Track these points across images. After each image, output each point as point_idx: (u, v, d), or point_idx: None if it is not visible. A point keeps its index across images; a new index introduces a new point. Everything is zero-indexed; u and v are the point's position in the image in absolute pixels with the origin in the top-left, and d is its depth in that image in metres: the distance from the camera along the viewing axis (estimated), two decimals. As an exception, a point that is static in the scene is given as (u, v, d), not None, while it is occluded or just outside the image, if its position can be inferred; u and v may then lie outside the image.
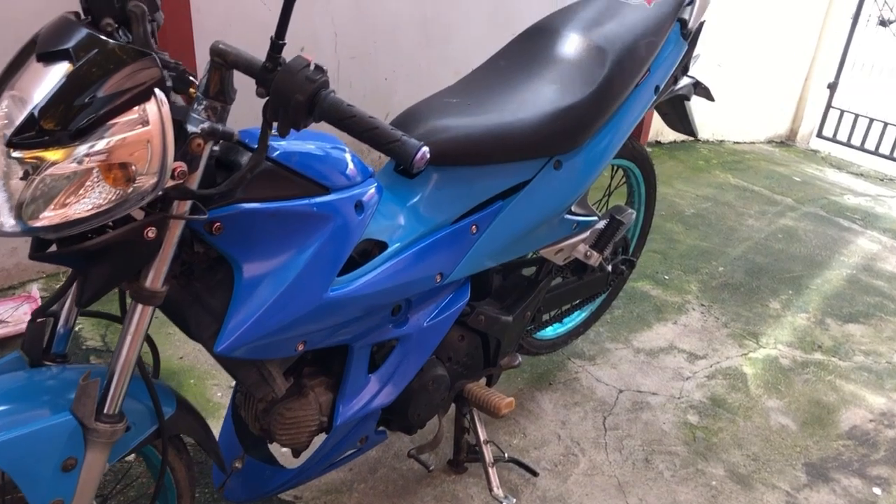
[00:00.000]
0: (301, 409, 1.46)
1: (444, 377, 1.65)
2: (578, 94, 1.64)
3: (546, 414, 2.22)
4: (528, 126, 1.57)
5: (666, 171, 4.54)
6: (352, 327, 1.42)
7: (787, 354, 2.70)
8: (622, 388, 2.37)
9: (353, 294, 1.35)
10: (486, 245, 1.60)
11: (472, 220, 1.56)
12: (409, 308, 1.54)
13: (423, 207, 1.50)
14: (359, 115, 1.03)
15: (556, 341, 2.32)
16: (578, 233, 1.83)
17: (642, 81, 1.79)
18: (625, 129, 1.80)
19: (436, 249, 1.50)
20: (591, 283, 2.08)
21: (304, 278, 1.26)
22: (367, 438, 1.60)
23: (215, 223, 1.15)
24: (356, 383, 1.51)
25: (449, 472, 1.96)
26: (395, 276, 1.42)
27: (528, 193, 1.63)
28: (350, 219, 1.31)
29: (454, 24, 3.39)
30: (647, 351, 2.58)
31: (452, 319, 1.60)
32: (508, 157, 1.58)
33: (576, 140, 1.67)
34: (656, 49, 1.79)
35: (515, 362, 1.80)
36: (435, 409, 1.68)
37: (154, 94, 0.98)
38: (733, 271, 3.30)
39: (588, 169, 1.73)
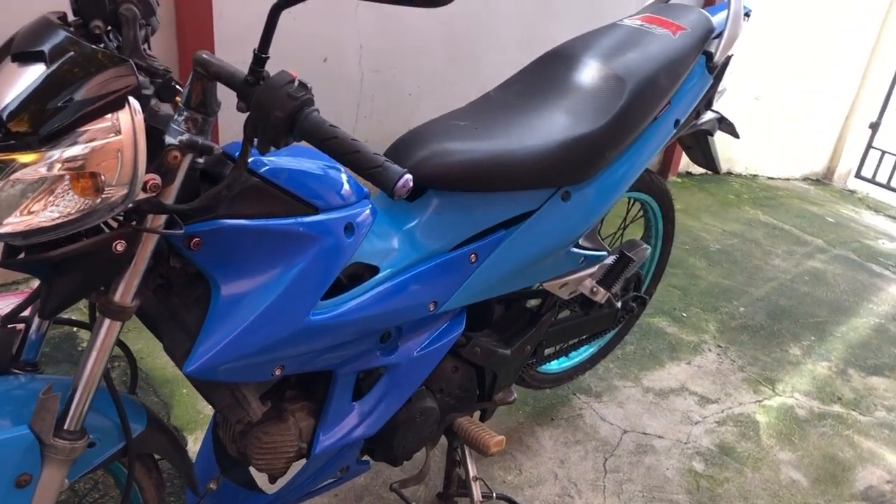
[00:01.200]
0: (279, 435, 1.41)
1: (434, 409, 1.59)
2: (592, 124, 1.57)
3: (545, 451, 2.14)
4: (536, 154, 1.51)
5: (694, 204, 4.44)
6: (336, 353, 1.37)
7: (803, 404, 2.59)
8: (627, 429, 2.28)
9: (338, 319, 1.29)
10: (486, 275, 1.53)
11: (472, 249, 1.50)
12: (400, 336, 1.48)
13: (420, 232, 1.44)
14: (340, 137, 0.98)
15: (561, 376, 2.24)
16: (585, 267, 1.76)
17: (662, 114, 1.72)
18: (640, 162, 1.72)
19: (430, 277, 1.44)
20: (598, 319, 2.00)
21: (285, 300, 1.20)
22: (348, 468, 1.54)
23: (194, 238, 1.11)
24: (339, 411, 1.45)
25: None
26: (384, 303, 1.37)
27: (533, 224, 1.57)
28: (338, 241, 1.25)
29: (482, 43, 3.35)
30: (656, 391, 2.49)
31: (445, 350, 1.54)
32: (513, 186, 1.51)
33: (586, 171, 1.60)
34: (678, 81, 1.72)
35: (510, 398, 1.73)
36: (422, 441, 1.61)
37: (128, 103, 0.94)
38: (754, 312, 3.20)
39: (598, 202, 1.66)
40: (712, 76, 1.83)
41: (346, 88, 2.98)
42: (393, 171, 0.97)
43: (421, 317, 1.46)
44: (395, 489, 1.60)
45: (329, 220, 1.24)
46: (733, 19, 1.80)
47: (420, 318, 1.47)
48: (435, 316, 1.49)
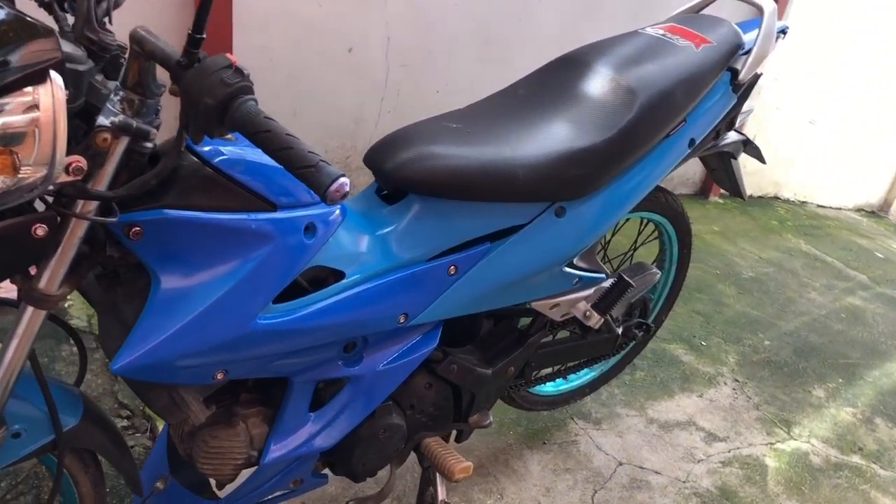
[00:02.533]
0: (227, 440, 1.33)
1: (400, 427, 1.49)
2: (596, 137, 1.46)
3: (531, 476, 2.03)
4: (530, 165, 1.41)
5: (733, 227, 4.26)
6: (290, 360, 1.28)
7: (820, 451, 2.43)
8: (623, 461, 2.15)
9: (290, 326, 1.21)
10: (465, 290, 1.43)
11: (452, 260, 1.40)
12: (365, 346, 1.39)
13: (395, 239, 1.35)
14: (274, 131, 0.89)
15: (556, 399, 2.13)
16: (580, 289, 1.64)
17: (675, 132, 1.59)
18: (648, 181, 1.60)
19: (402, 287, 1.35)
20: (595, 344, 1.88)
21: (229, 301, 1.13)
22: (302, 481, 1.46)
23: (133, 227, 1.04)
24: (293, 420, 1.37)
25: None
26: (346, 312, 1.28)
27: (522, 239, 1.46)
28: (295, 242, 1.17)
29: (517, 45, 3.24)
30: (661, 423, 2.36)
31: (414, 365, 1.44)
32: (502, 197, 1.41)
33: (585, 187, 1.49)
34: (696, 98, 1.60)
35: (485, 422, 1.62)
36: (385, 459, 1.52)
37: (49, 78, 0.86)
38: (780, 347, 3.03)
39: (596, 221, 1.55)
40: (736, 95, 1.69)
41: (370, 81, 2.90)
42: (327, 174, 0.88)
43: (389, 329, 1.37)
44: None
45: (287, 219, 1.16)
46: (765, 36, 1.66)
47: (388, 330, 1.38)
48: (405, 329, 1.40)
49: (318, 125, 2.88)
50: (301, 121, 2.81)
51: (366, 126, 2.98)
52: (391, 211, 1.38)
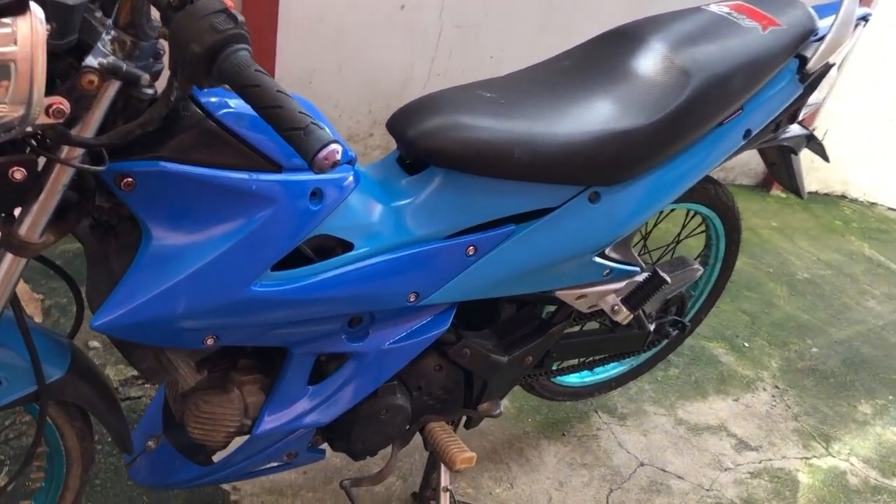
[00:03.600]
0: (220, 406, 1.28)
1: (404, 408, 1.42)
2: (641, 120, 1.34)
3: (545, 468, 1.94)
4: (566, 144, 1.30)
5: (793, 224, 4.05)
6: (289, 330, 1.22)
7: (859, 471, 2.28)
8: (644, 462, 2.05)
9: (289, 296, 1.14)
10: (484, 273, 1.34)
11: (471, 241, 1.31)
12: (372, 323, 1.31)
13: (412, 212, 1.26)
14: (264, 87, 0.80)
15: (580, 390, 2.03)
16: (610, 281, 1.54)
17: (730, 120, 1.46)
18: (694, 172, 1.48)
19: (414, 265, 1.27)
20: (623, 339, 1.78)
21: (222, 265, 1.06)
22: (296, 454, 1.40)
23: (126, 178, 0.97)
24: (290, 393, 1.31)
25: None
26: (351, 286, 1.20)
27: (550, 224, 1.36)
28: (299, 208, 1.10)
29: (580, 14, 3.08)
30: (690, 425, 2.24)
31: (422, 346, 1.36)
32: (532, 176, 1.31)
33: (623, 173, 1.37)
34: (757, 85, 1.46)
35: (495, 411, 1.54)
36: (386, 439, 1.45)
37: (29, 9, 0.79)
38: (828, 356, 2.86)
39: (634, 210, 1.43)
40: (803, 85, 1.55)
41: (421, 41, 2.79)
42: (316, 138, 0.79)
43: (397, 307, 1.29)
44: (344, 487, 1.46)
45: (292, 183, 1.08)
46: (842, 22, 1.51)
47: (397, 308, 1.30)
48: (415, 308, 1.32)
49: (364, 83, 2.79)
50: (346, 77, 2.72)
51: (413, 87, 2.88)
52: (410, 182, 1.29)
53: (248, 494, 1.67)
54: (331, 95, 2.72)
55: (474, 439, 1.97)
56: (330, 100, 2.73)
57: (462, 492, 1.82)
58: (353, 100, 2.79)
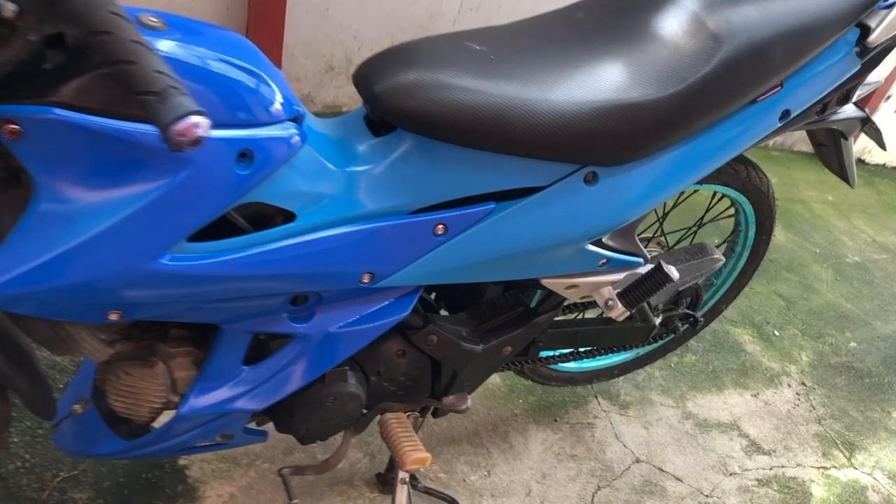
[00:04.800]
0: (142, 379, 1.14)
1: (356, 396, 1.27)
2: (653, 91, 1.13)
3: (529, 457, 1.79)
4: (561, 114, 1.10)
5: (850, 199, 3.75)
6: (215, 307, 1.07)
7: (882, 488, 2.08)
8: (641, 458, 1.89)
9: (209, 271, 0.98)
10: (454, 256, 1.17)
11: (441, 218, 1.13)
12: (319, 303, 1.15)
13: (372, 180, 1.09)
14: (116, 35, 0.63)
15: (577, 376, 1.86)
16: (606, 272, 1.34)
17: (765, 98, 1.23)
18: (714, 156, 1.26)
19: (370, 242, 1.10)
20: (622, 332, 1.59)
21: (124, 233, 0.90)
22: (231, 436, 1.26)
23: (9, 124, 0.82)
24: (221, 372, 1.16)
25: (373, 487, 1.61)
26: (290, 263, 1.04)
27: (537, 205, 1.17)
28: (222, 171, 0.93)
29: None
30: (699, 420, 2.06)
31: (378, 332, 1.20)
32: (518, 150, 1.12)
33: (627, 152, 1.17)
34: (803, 58, 1.22)
35: (462, 406, 1.38)
36: (334, 427, 1.31)
37: None
38: (867, 353, 2.62)
39: (637, 196, 1.23)
40: (861, 61, 1.30)
41: (454, -31, 2.55)
42: (173, 106, 0.62)
43: (349, 287, 1.13)
44: (282, 475, 1.32)
45: (213, 141, 0.91)
46: (922, -12, 1.25)
47: (349, 289, 1.14)
48: (370, 290, 1.15)
49: (386, 13, 2.56)
50: (367, 6, 2.50)
51: (442, 22, 2.64)
52: (375, 145, 1.11)
53: (198, 459, 1.56)
54: (350, 25, 2.51)
55: (455, 419, 1.83)
56: (349, 29, 2.52)
57: (433, 476, 1.68)
58: (373, 31, 2.57)
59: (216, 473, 1.55)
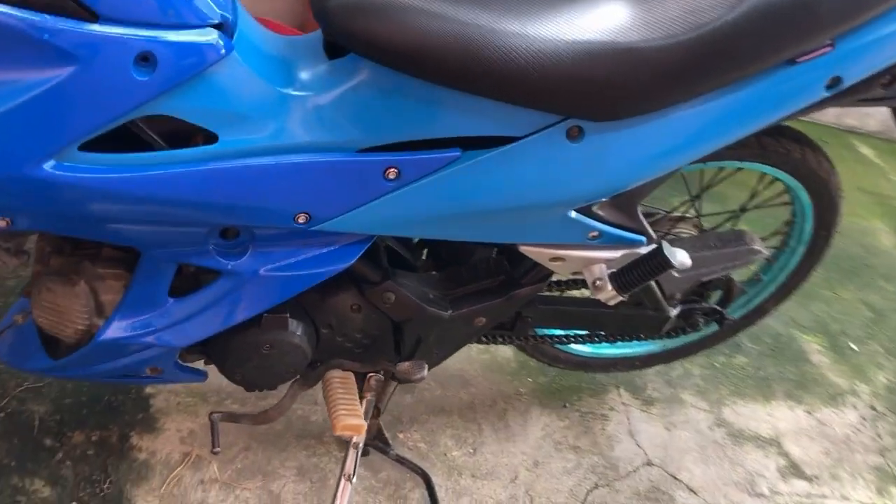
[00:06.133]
0: (63, 298, 1.07)
1: (298, 347, 1.16)
2: (659, 35, 0.94)
3: (525, 440, 1.64)
4: (540, 53, 0.92)
5: None
6: (126, 227, 0.98)
7: (941, 539, 1.81)
8: (654, 461, 1.70)
9: (107, 186, 0.89)
10: (408, 205, 1.02)
11: (393, 161, 0.99)
12: (251, 240, 1.04)
13: (317, 108, 0.96)
14: None
15: (590, 362, 1.68)
16: (599, 248, 1.16)
17: (809, 59, 1.00)
18: (738, 124, 1.05)
19: (305, 178, 0.97)
20: (628, 319, 1.40)
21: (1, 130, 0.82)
22: (162, 371, 1.18)
23: None
24: (143, 301, 1.08)
25: (342, 446, 1.51)
26: (207, 190, 0.94)
27: (510, 157, 1.01)
28: (116, 74, 0.82)
29: None
30: (733, 429, 1.84)
31: (317, 280, 1.08)
32: (491, 92, 0.95)
33: (620, 107, 0.98)
34: (864, 13, 0.98)
35: (415, 375, 1.23)
36: (276, 377, 1.21)
37: None
38: (962, 384, 2.29)
39: (634, 160, 1.04)
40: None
41: None
42: None
43: (280, 226, 1.01)
44: (212, 419, 1.23)
45: (106, 38, 0.81)
46: None
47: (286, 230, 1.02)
48: (310, 232, 1.03)
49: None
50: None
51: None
52: (324, 70, 0.97)
53: (165, 390, 1.51)
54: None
55: (452, 386, 1.70)
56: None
57: (412, 444, 1.56)
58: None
59: (181, 407, 1.49)
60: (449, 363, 1.69)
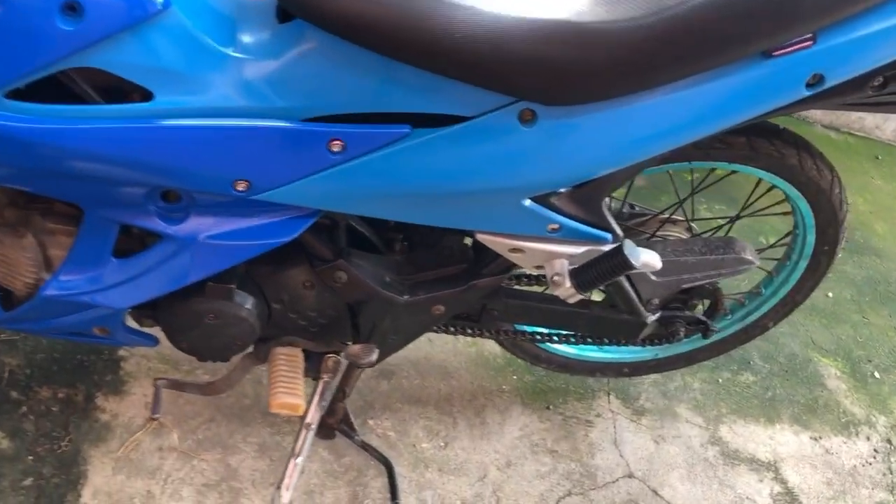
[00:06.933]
0: (11, 250, 1.08)
1: (244, 320, 1.13)
2: (618, 15, 0.88)
3: (500, 439, 1.59)
4: (488, 29, 0.88)
5: None
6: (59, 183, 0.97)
7: (946, 587, 1.68)
8: (636, 474, 1.62)
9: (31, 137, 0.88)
10: (355, 180, 0.99)
11: (338, 132, 0.96)
12: (192, 205, 1.02)
13: (261, 72, 0.93)
14: None
15: (573, 364, 1.61)
16: (561, 241, 1.10)
17: (786, 53, 0.93)
18: (706, 118, 0.98)
19: (245, 144, 0.95)
20: (602, 321, 1.33)
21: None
22: (111, 333, 1.17)
23: None
24: (86, 259, 1.07)
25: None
26: (139, 149, 0.93)
27: (459, 137, 0.96)
28: (39, 21, 0.81)
29: None
30: (728, 449, 1.75)
31: (254, 252, 1.06)
32: (437, 67, 0.91)
33: (574, 91, 0.92)
34: (851, 6, 0.90)
35: (364, 359, 1.19)
36: (221, 349, 1.19)
37: None
38: None
39: (591, 149, 0.98)
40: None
41: None
42: None
43: (219, 192, 0.99)
44: (157, 385, 1.22)
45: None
46: None
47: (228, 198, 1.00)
48: (252, 202, 1.00)
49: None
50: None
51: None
52: (271, 33, 0.95)
53: (137, 354, 1.51)
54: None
55: (432, 376, 1.66)
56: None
57: (381, 432, 1.53)
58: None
59: (151, 372, 1.49)
60: (432, 353, 1.67)
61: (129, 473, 1.35)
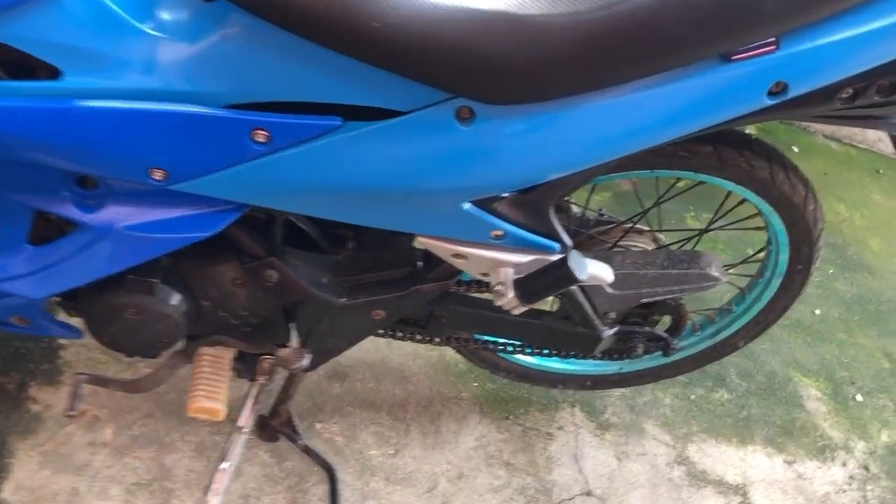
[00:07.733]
0: (-77, 231, 1.01)
1: (168, 317, 1.07)
2: (563, 8, 0.81)
3: (454, 449, 1.53)
4: (423, 18, 0.81)
5: None
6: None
7: None
8: (594, 492, 1.56)
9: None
10: (281, 173, 0.93)
11: (262, 122, 0.89)
12: (109, 194, 0.96)
13: (178, 53, 0.86)
14: None
15: (533, 374, 1.54)
16: (505, 249, 1.03)
17: (746, 58, 0.85)
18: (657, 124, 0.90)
19: (161, 129, 0.88)
20: (555, 333, 1.26)
21: None
22: (29, 322, 1.11)
23: None
24: (1, 245, 1.01)
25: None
26: (44, 129, 0.86)
27: (392, 133, 0.89)
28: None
29: None
30: (695, 470, 1.68)
31: (176, 245, 1.00)
32: (370, 57, 0.84)
33: (515, 89, 0.85)
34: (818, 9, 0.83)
35: (295, 364, 1.13)
36: (145, 345, 1.13)
37: None
38: (980, 456, 2.05)
39: (533, 152, 0.91)
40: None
41: None
42: None
43: (134, 179, 0.92)
44: (77, 380, 1.16)
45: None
46: None
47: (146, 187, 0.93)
48: (171, 192, 0.94)
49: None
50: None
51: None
52: (194, 12, 0.88)
53: (77, 344, 1.45)
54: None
55: (388, 381, 1.59)
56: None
57: (327, 436, 1.47)
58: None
59: (90, 363, 1.44)
60: (390, 356, 1.60)
61: (55, 468, 1.29)
